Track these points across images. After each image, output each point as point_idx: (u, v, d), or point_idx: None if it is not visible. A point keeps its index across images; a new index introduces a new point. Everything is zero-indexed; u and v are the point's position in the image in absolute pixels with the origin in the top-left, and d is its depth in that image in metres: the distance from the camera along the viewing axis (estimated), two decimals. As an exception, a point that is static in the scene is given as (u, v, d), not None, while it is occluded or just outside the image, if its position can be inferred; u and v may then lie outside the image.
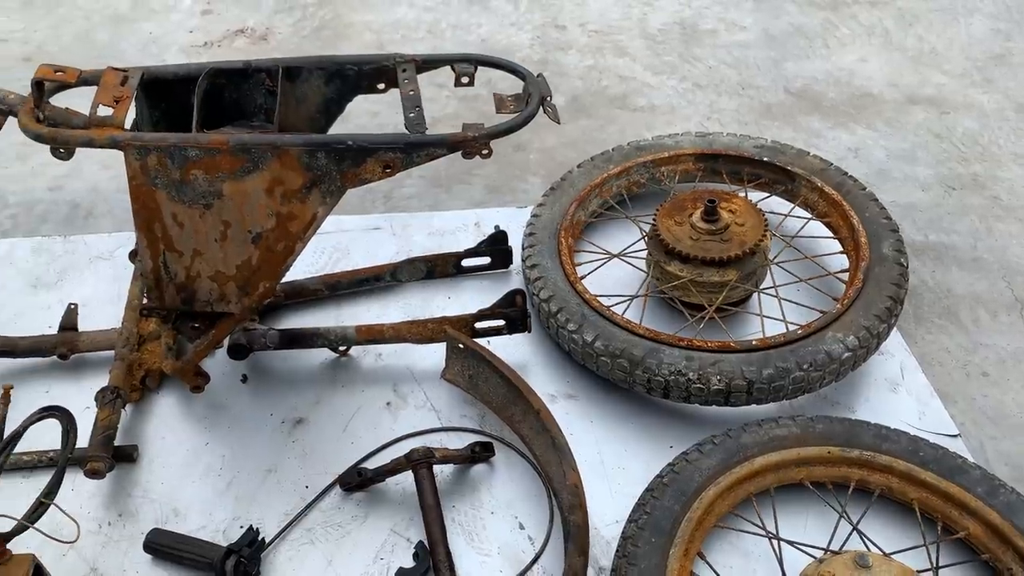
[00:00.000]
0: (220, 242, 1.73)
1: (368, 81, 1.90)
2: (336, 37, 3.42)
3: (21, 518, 1.53)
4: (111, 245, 2.46)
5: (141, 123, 1.79)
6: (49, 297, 2.31)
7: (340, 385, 2.12)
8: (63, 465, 1.58)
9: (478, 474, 1.94)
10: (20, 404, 2.03)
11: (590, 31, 3.54)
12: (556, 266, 2.25)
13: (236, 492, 1.89)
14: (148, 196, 1.65)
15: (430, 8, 3.62)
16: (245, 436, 2.00)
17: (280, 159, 1.63)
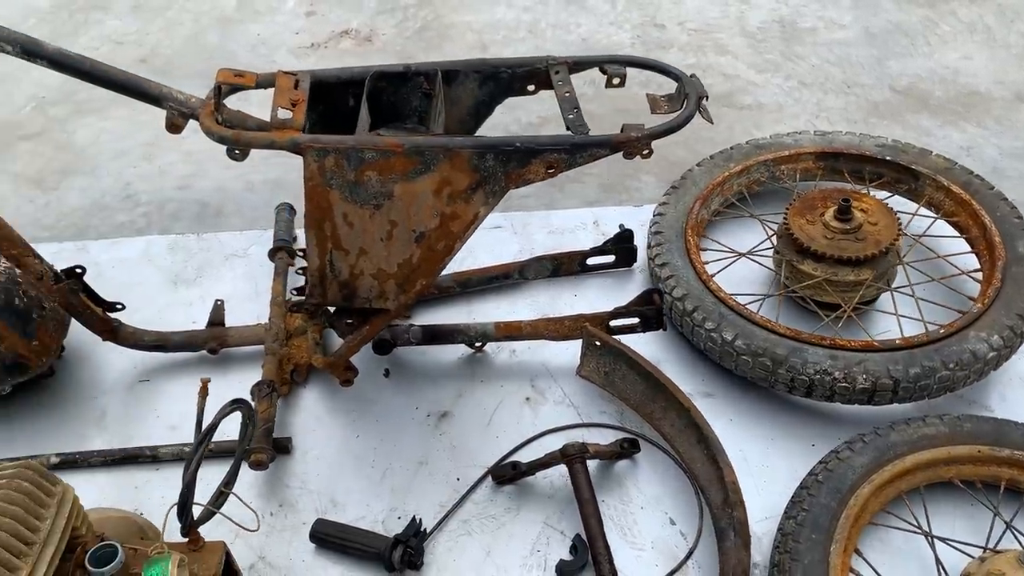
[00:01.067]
0: (385, 241, 1.78)
1: (520, 83, 1.94)
2: (439, 38, 3.47)
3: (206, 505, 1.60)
4: (244, 243, 2.53)
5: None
6: (189, 293, 2.38)
7: (479, 380, 2.16)
8: (240, 455, 1.63)
9: (623, 470, 1.98)
10: (173, 396, 2.12)
11: (689, 29, 3.55)
12: (686, 264, 2.27)
13: (391, 483, 1.94)
14: (322, 196, 1.70)
15: (528, 8, 3.65)
16: (393, 429, 2.05)
17: (451, 161, 1.67)
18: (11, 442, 2.01)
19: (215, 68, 3.06)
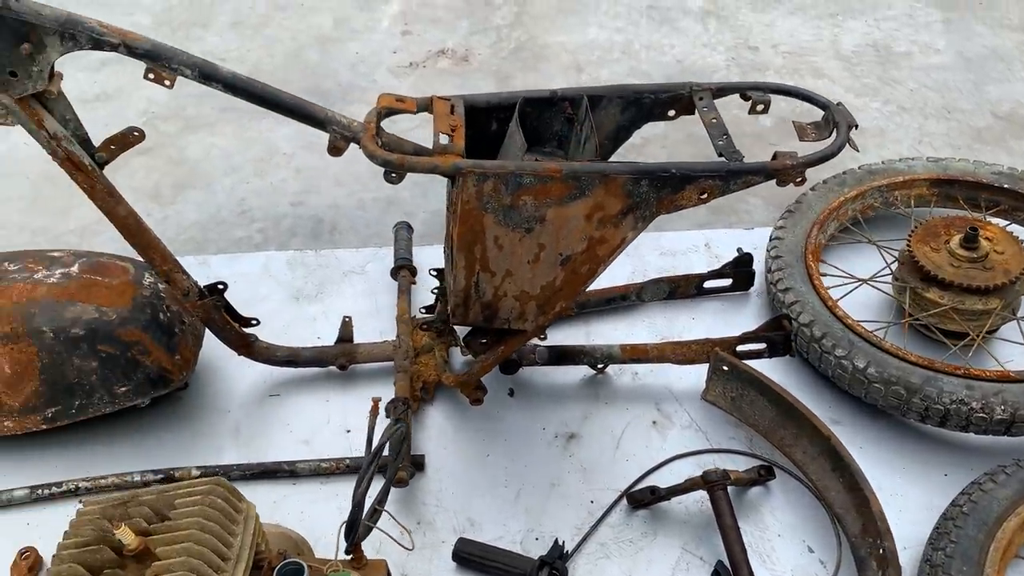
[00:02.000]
0: (532, 264, 1.80)
1: (661, 109, 1.95)
2: (535, 59, 3.50)
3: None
4: (360, 260, 2.57)
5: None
6: (312, 309, 2.42)
7: (603, 402, 2.17)
8: (394, 473, 1.65)
9: (756, 497, 1.97)
10: (304, 410, 2.16)
11: (783, 52, 3.55)
12: (810, 290, 2.27)
13: (525, 504, 1.96)
14: (476, 220, 1.72)
15: (620, 29, 3.68)
16: (522, 449, 2.07)
17: (606, 186, 1.69)
18: (149, 454, 2.05)
19: (318, 86, 3.14)
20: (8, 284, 1.95)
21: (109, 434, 2.07)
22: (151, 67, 1.62)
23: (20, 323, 1.89)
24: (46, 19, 1.52)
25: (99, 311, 1.94)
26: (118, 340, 1.93)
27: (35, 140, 1.67)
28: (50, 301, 1.92)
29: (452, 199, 1.75)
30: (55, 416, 1.96)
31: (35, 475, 1.99)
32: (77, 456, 2.04)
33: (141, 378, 1.97)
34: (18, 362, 1.90)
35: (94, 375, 1.94)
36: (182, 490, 1.34)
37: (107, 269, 2.04)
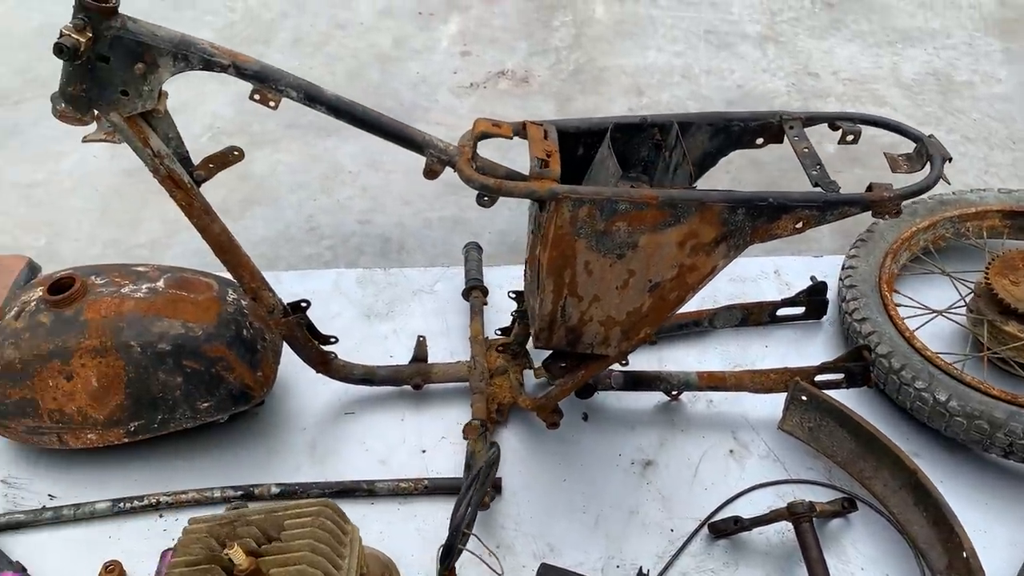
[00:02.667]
0: (620, 290, 1.80)
1: (750, 137, 1.95)
2: (595, 81, 3.51)
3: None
4: (429, 279, 2.57)
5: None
6: (383, 327, 2.43)
7: (679, 429, 2.16)
8: (481, 497, 1.65)
9: (836, 528, 1.95)
10: (379, 430, 2.16)
11: (844, 79, 3.54)
12: (886, 320, 2.25)
13: (605, 530, 1.95)
14: (568, 245, 1.72)
15: (679, 53, 3.68)
16: (599, 475, 2.06)
17: (702, 214, 1.69)
18: (226, 470, 2.06)
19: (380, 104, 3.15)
20: (96, 298, 1.97)
21: (188, 449, 2.08)
22: (257, 88, 1.64)
23: (108, 337, 1.91)
24: (161, 40, 1.55)
25: (185, 327, 1.95)
26: (203, 356, 1.95)
27: (139, 158, 1.70)
28: (137, 316, 1.94)
29: (541, 223, 1.75)
30: (137, 430, 1.97)
31: (115, 488, 2.01)
32: (156, 470, 2.05)
33: (223, 394, 1.99)
34: (105, 376, 1.91)
35: (178, 390, 1.95)
36: (290, 511, 1.35)
37: (192, 285, 2.06)
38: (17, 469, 2.04)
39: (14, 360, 1.91)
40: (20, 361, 1.91)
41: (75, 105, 1.58)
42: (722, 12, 3.97)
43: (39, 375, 1.91)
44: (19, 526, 1.93)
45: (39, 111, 3.27)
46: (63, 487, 2.01)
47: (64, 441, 1.97)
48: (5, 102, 3.31)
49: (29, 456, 2.05)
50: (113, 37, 1.51)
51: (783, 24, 3.87)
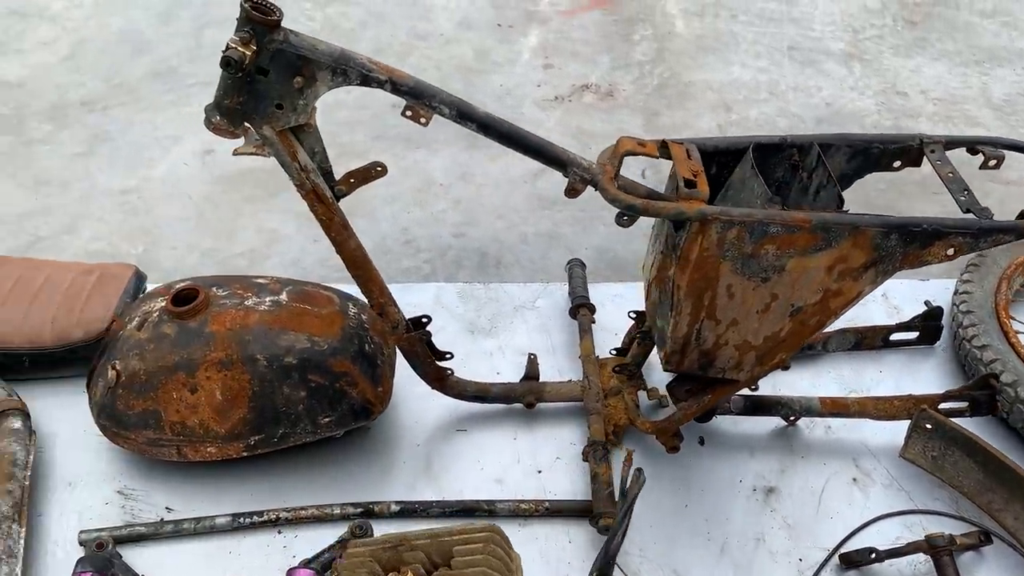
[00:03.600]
0: (760, 314, 1.76)
1: (888, 159, 1.91)
2: (680, 96, 3.48)
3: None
4: (530, 295, 2.54)
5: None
6: (487, 343, 2.40)
7: (799, 456, 2.12)
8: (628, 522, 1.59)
9: (967, 561, 1.89)
10: (493, 448, 2.13)
11: (933, 99, 3.49)
12: (1008, 348, 2.19)
13: (731, 559, 1.91)
14: (712, 267, 1.69)
15: (764, 69, 3.65)
16: (721, 501, 2.02)
17: (854, 239, 1.65)
18: (343, 486, 2.03)
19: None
20: (220, 310, 1.95)
21: (302, 464, 2.06)
22: (411, 104, 1.62)
23: (235, 350, 1.89)
24: (321, 54, 1.53)
25: (311, 340, 1.93)
26: (328, 370, 1.93)
27: (285, 172, 1.68)
28: (263, 329, 1.92)
29: (678, 244, 1.72)
30: (257, 444, 1.95)
31: (230, 503, 1.99)
32: (271, 485, 2.03)
33: (345, 409, 1.97)
34: (230, 389, 1.90)
35: (301, 404, 1.93)
36: (456, 537, 1.32)
37: (314, 298, 2.04)
38: (133, 481, 2.03)
39: (139, 371, 1.90)
40: (145, 372, 1.90)
41: (229, 118, 1.56)
42: (803, 28, 3.93)
43: (163, 387, 1.90)
44: (140, 538, 1.91)
45: (127, 117, 3.29)
46: (180, 500, 2.00)
47: (183, 454, 1.96)
48: (93, 108, 3.33)
49: (144, 468, 2.04)
50: (275, 50, 1.50)
51: (867, 42, 3.82)
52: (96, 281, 2.29)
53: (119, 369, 1.91)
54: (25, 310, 2.20)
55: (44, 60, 3.58)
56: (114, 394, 1.92)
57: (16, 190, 2.92)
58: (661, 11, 4.03)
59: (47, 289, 2.25)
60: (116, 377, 1.90)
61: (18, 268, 2.32)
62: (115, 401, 1.92)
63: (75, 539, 1.91)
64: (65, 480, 2.03)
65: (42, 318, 2.19)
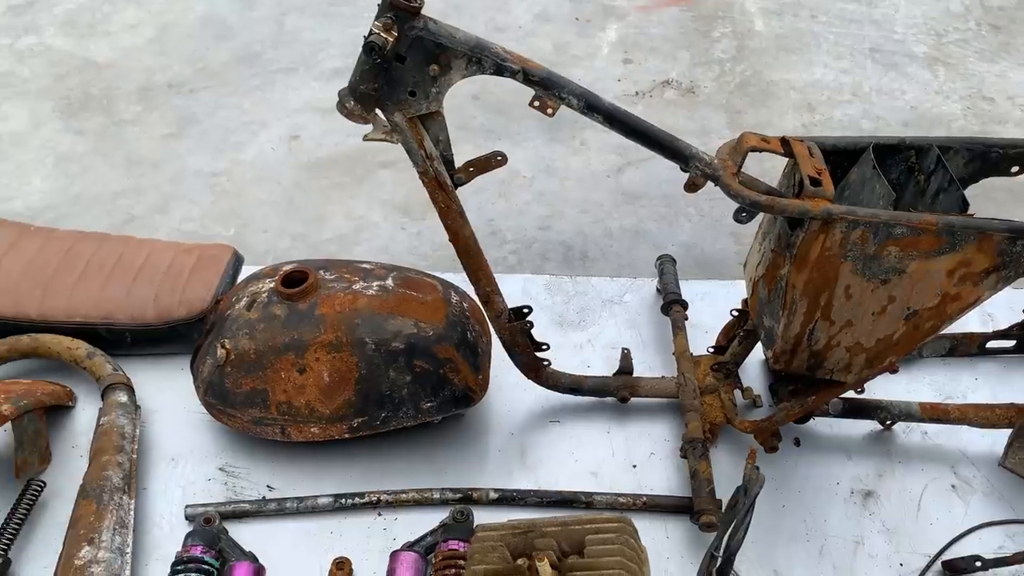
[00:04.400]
0: (875, 316, 1.74)
1: (1007, 164, 1.88)
2: (763, 95, 3.46)
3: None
4: (618, 290, 2.54)
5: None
6: (577, 336, 2.41)
7: (897, 461, 2.10)
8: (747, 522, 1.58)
9: (1074, 575, 1.88)
10: (587, 441, 2.14)
11: (1020, 105, 3.43)
12: (1112, 361, 2.16)
13: (831, 561, 1.90)
14: (831, 267, 1.68)
15: (846, 70, 3.61)
16: (818, 503, 2.00)
17: (979, 243, 1.63)
18: (440, 471, 2.05)
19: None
20: (329, 293, 1.97)
21: (400, 448, 2.08)
22: (540, 95, 1.62)
23: (344, 333, 1.92)
24: (458, 43, 1.54)
25: (417, 326, 1.95)
26: (434, 356, 1.94)
27: (411, 159, 1.69)
28: (371, 313, 1.94)
29: (793, 243, 1.71)
30: (360, 427, 1.98)
31: (329, 484, 2.01)
32: (369, 468, 2.05)
33: (447, 395, 1.98)
34: (337, 371, 1.92)
35: (405, 389, 1.95)
36: (587, 526, 1.33)
37: (419, 285, 2.06)
38: (234, 458, 2.06)
39: (249, 351, 1.93)
40: (255, 352, 1.93)
41: (363, 103, 1.58)
42: (885, 31, 3.88)
43: (272, 367, 1.92)
44: (243, 515, 1.94)
45: (214, 100, 3.34)
46: (280, 479, 2.02)
47: (287, 434, 1.98)
48: (180, 91, 3.38)
49: (246, 446, 2.07)
50: (415, 37, 1.51)
51: (950, 46, 3.77)
52: (196, 261, 2.32)
53: (229, 348, 1.94)
54: (128, 288, 2.25)
55: (131, 43, 3.64)
56: (222, 372, 1.95)
57: (110, 170, 2.98)
58: (740, 9, 4.00)
59: (149, 268, 2.30)
60: (226, 355, 1.93)
61: (119, 246, 2.37)
62: (223, 379, 1.95)
63: (180, 513, 1.95)
64: (168, 455, 2.07)
65: (145, 296, 2.24)
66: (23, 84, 3.38)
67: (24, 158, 3.02)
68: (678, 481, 2.04)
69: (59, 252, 2.32)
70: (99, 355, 2.14)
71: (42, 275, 2.25)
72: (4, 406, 1.88)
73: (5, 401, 1.90)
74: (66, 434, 2.10)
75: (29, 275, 2.25)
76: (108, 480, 1.86)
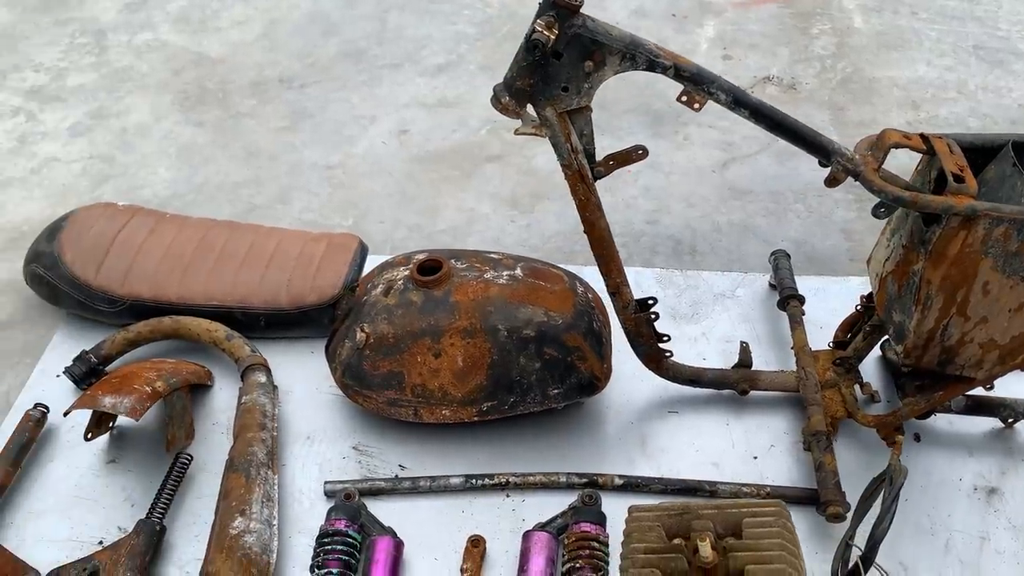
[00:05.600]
0: (1012, 312, 1.75)
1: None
2: (866, 92, 3.44)
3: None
4: (729, 284, 2.57)
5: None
6: (691, 329, 2.44)
7: (1020, 458, 2.10)
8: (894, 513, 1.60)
9: None
10: (707, 432, 2.18)
11: None
12: None
13: (957, 555, 1.91)
14: (971, 264, 1.69)
15: (950, 68, 3.57)
16: (941, 498, 2.02)
17: None
18: (564, 456, 2.11)
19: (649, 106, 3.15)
20: (462, 281, 2.05)
21: (524, 433, 2.14)
22: (688, 90, 1.67)
23: (478, 319, 1.99)
24: (615, 40, 1.60)
25: (547, 315, 2.01)
26: (562, 344, 2.00)
27: (557, 152, 1.75)
28: (503, 301, 2.01)
29: (929, 239, 1.72)
30: (489, 411, 2.04)
31: (458, 465, 2.08)
32: (495, 451, 2.12)
33: (573, 383, 2.04)
34: (471, 356, 1.99)
35: (534, 375, 2.01)
36: (744, 509, 1.37)
37: (546, 275, 2.12)
38: (367, 439, 2.15)
39: (387, 335, 2.01)
40: (393, 336, 2.01)
41: (518, 98, 1.64)
42: (988, 27, 3.82)
43: (409, 351, 2.00)
44: (379, 492, 2.02)
45: (323, 95, 3.43)
46: (411, 459, 2.10)
47: (419, 415, 2.06)
48: (291, 85, 3.48)
49: (378, 427, 2.16)
50: (573, 35, 1.57)
51: (1058, 42, 3.70)
52: (325, 249, 2.42)
53: (368, 332, 2.02)
54: (262, 274, 2.35)
55: (241, 38, 3.76)
56: (361, 355, 2.04)
57: (229, 161, 3.09)
58: (838, 6, 3.97)
59: (280, 255, 2.40)
60: (365, 339, 2.02)
61: (250, 234, 2.47)
62: (361, 362, 2.04)
63: (318, 489, 2.04)
64: (304, 434, 2.16)
65: (278, 282, 2.34)
66: (143, 79, 3.52)
67: (148, 149, 3.16)
68: (799, 473, 2.07)
69: (194, 239, 2.43)
70: (237, 337, 2.24)
71: (180, 260, 2.37)
72: (158, 383, 1.99)
73: (158, 379, 2.01)
74: (206, 412, 2.21)
75: (168, 260, 2.37)
76: (254, 455, 1.96)
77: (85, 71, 3.55)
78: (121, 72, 3.55)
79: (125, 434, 2.16)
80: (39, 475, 2.08)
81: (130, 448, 2.13)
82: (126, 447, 2.13)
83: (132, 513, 1.99)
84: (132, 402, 1.89)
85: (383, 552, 1.83)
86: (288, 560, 1.91)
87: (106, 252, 2.36)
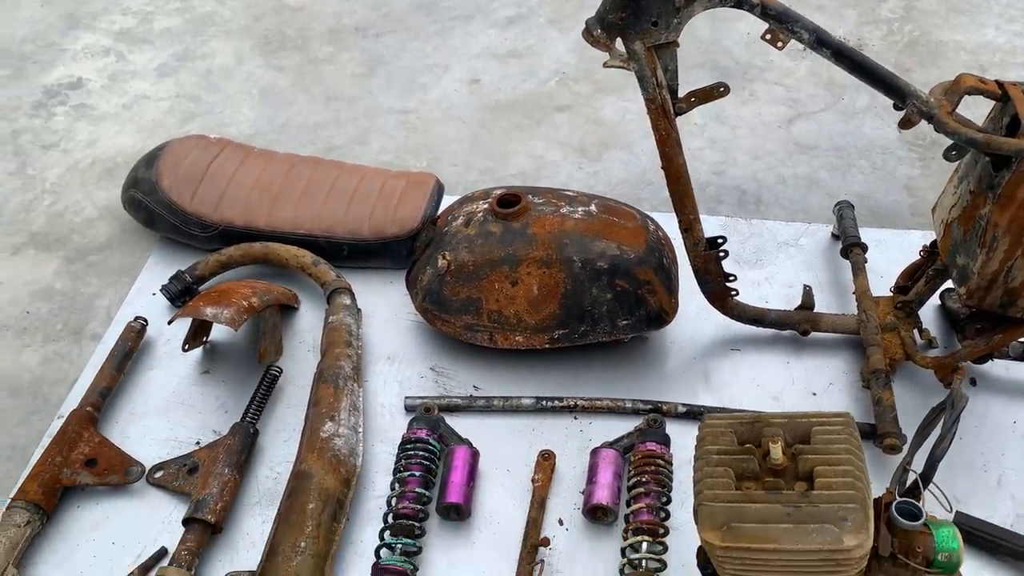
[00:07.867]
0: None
1: None
2: (932, 55, 3.46)
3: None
4: (793, 233, 2.64)
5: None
6: (754, 274, 2.52)
7: (1073, 405, 2.17)
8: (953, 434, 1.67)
9: None
10: (768, 369, 2.26)
11: None
12: None
13: (1010, 491, 1.98)
14: (1041, 208, 1.75)
15: (1019, 33, 3.57)
16: (994, 438, 2.08)
17: None
18: (630, 385, 2.21)
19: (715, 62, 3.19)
20: (539, 215, 2.15)
21: (593, 361, 2.25)
22: (773, 28, 1.74)
23: (554, 250, 2.09)
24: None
25: (620, 248, 2.11)
26: (634, 277, 2.10)
27: (642, 86, 1.84)
28: (578, 234, 2.11)
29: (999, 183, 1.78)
30: (560, 338, 2.15)
31: (530, 387, 2.20)
32: (564, 376, 2.22)
33: (642, 315, 2.14)
34: (546, 285, 2.10)
35: (605, 306, 2.11)
36: (812, 419, 1.46)
37: (619, 212, 2.21)
38: (443, 361, 2.27)
39: (468, 262, 2.12)
40: (473, 264, 2.12)
41: (609, 32, 1.73)
42: (1061, -7, 3.81)
43: (488, 278, 2.11)
44: (456, 409, 2.15)
45: (398, 44, 3.54)
46: (484, 381, 2.22)
47: (494, 340, 2.18)
48: (366, 34, 3.59)
49: (454, 350, 2.28)
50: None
51: None
52: (405, 186, 2.54)
53: (449, 259, 2.14)
54: (346, 206, 2.48)
55: (317, -12, 3.88)
56: (442, 281, 2.15)
57: (310, 104, 3.22)
58: (907, -30, 3.98)
59: (363, 189, 2.52)
60: (447, 266, 2.13)
61: (334, 169, 2.60)
62: (442, 287, 2.16)
63: (399, 404, 2.17)
64: (384, 354, 2.30)
65: (361, 214, 2.46)
66: (225, 24, 3.65)
67: (232, 90, 3.29)
68: (857, 410, 2.15)
69: (281, 172, 2.56)
70: (323, 263, 2.38)
71: (269, 190, 2.50)
72: (253, 299, 2.13)
73: (253, 295, 2.15)
74: (292, 331, 2.36)
75: (258, 190, 2.50)
76: (341, 369, 2.09)
77: (171, 15, 3.70)
78: (205, 17, 3.69)
79: (218, 348, 2.31)
80: (140, 381, 2.24)
81: (222, 361, 2.28)
82: (219, 360, 2.29)
83: (225, 419, 2.14)
84: (232, 313, 2.03)
85: (461, 459, 1.96)
86: (372, 465, 2.05)
87: (200, 180, 2.50)
